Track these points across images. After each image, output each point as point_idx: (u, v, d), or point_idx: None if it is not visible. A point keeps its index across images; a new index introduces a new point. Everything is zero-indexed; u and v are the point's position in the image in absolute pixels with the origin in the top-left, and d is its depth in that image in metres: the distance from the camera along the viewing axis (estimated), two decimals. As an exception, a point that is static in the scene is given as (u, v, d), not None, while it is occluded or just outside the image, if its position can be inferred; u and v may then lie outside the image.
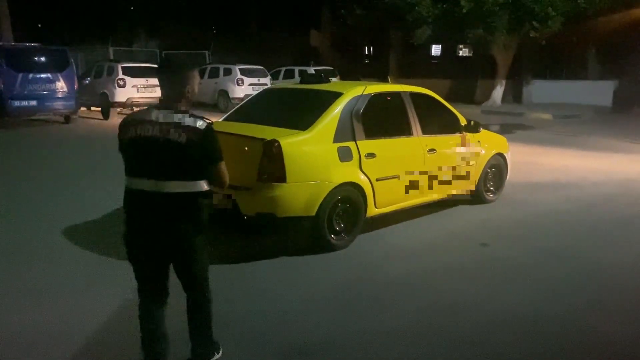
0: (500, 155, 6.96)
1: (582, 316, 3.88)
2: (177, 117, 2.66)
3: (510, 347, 3.44)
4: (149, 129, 2.66)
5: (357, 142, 5.21)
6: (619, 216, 6.46)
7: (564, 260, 5.00)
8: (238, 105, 6.46)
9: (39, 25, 32.85)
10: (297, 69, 21.65)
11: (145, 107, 2.79)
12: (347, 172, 5.10)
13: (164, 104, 2.74)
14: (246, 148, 4.92)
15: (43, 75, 14.04)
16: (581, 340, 3.55)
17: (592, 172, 8.98)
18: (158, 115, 2.68)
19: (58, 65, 14.34)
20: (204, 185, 2.74)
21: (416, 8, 19.78)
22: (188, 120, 2.65)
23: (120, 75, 15.97)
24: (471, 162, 6.47)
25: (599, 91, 20.62)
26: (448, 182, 6.17)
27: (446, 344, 3.47)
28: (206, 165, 2.70)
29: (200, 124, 2.65)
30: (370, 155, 5.26)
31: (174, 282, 2.99)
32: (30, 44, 15.25)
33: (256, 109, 6.04)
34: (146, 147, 2.67)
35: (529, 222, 6.23)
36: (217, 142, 2.71)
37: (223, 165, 2.76)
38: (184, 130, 2.62)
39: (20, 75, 13.70)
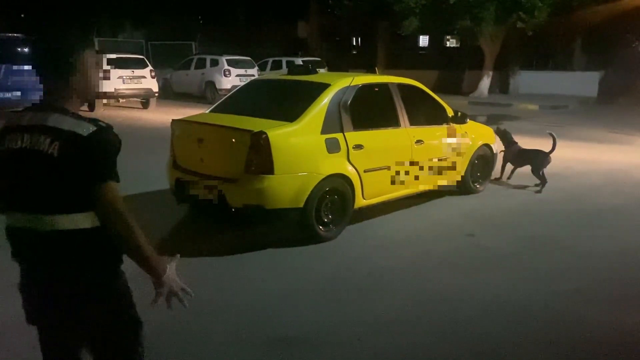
0: (487, 146, 7.00)
1: (568, 304, 3.94)
2: (52, 120, 1.81)
3: (497, 335, 3.49)
4: (17, 139, 1.84)
5: (345, 133, 5.21)
6: (603, 206, 6.54)
7: (549, 250, 5.06)
8: (225, 97, 6.42)
9: (22, 16, 32.34)
10: (284, 60, 21.52)
11: (24, 108, 1.96)
12: (335, 164, 5.10)
13: (45, 100, 1.91)
14: (233, 140, 4.91)
15: (27, 67, 13.84)
16: (567, 328, 3.60)
17: (577, 162, 9.07)
18: (32, 118, 1.86)
19: (42, 56, 14.14)
20: None
21: (404, -1, 19.77)
22: (67, 123, 1.80)
23: (106, 67, 15.78)
24: (458, 153, 6.50)
25: (584, 82, 20.78)
26: (435, 173, 6.20)
27: (434, 333, 3.50)
28: (88, 186, 1.80)
29: (84, 128, 1.79)
30: (358, 146, 5.27)
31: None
32: (13, 34, 15.01)
33: (243, 100, 6.01)
34: (14, 165, 1.86)
35: (515, 212, 6.29)
36: (108, 154, 1.83)
37: (114, 188, 1.82)
38: (58, 139, 1.78)
39: (4, 66, 13.51)
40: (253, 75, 17.78)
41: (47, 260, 1.87)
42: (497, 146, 7.31)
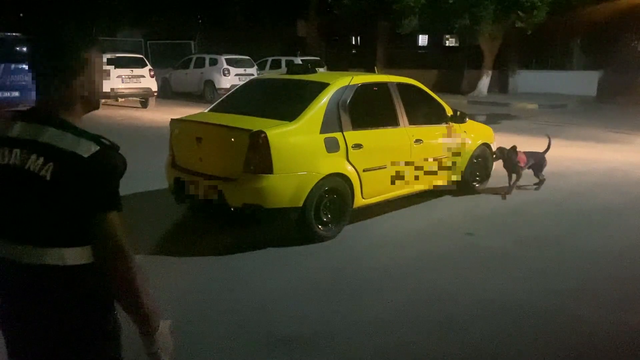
0: (487, 145, 7.00)
1: (566, 304, 3.93)
2: (48, 135, 1.54)
3: (496, 335, 3.49)
4: (5, 154, 1.57)
5: (344, 132, 5.21)
6: (602, 205, 6.54)
7: (548, 249, 5.06)
8: (224, 96, 6.42)
9: (21, 15, 32.31)
10: (284, 59, 21.53)
11: (11, 115, 1.66)
12: (334, 163, 5.10)
13: (39, 109, 1.63)
14: (233, 139, 4.90)
15: (26, 66, 13.82)
16: (566, 327, 3.60)
17: (576, 161, 9.07)
18: (23, 131, 1.58)
19: (40, 56, 14.11)
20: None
21: (403, -2, 19.76)
22: (66, 141, 1.52)
23: (105, 66, 15.76)
24: (457, 153, 6.50)
25: (583, 81, 20.78)
26: (434, 173, 6.20)
27: (432, 333, 3.50)
28: (86, 216, 1.53)
29: (85, 148, 1.52)
30: (357, 146, 5.26)
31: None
32: (12, 33, 14.99)
33: (243, 100, 6.01)
34: None
35: (514, 211, 6.29)
36: (111, 180, 1.57)
37: (116, 219, 1.56)
38: (53, 159, 1.51)
39: (2, 65, 13.49)
40: (252, 75, 17.77)
41: (31, 299, 1.59)
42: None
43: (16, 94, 13.77)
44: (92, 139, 1.55)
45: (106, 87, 15.57)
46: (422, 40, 31.56)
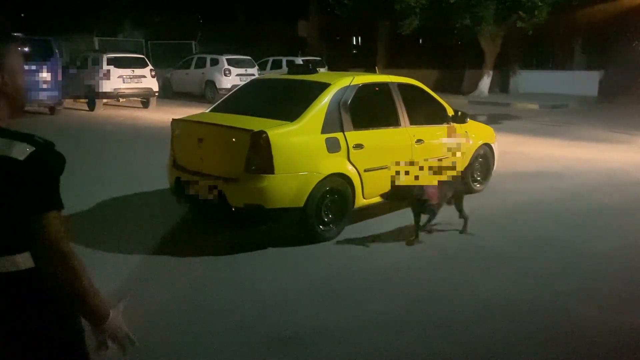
0: (487, 145, 7.00)
1: (566, 304, 3.94)
2: None
3: (495, 335, 3.49)
4: None
5: (345, 133, 5.22)
6: (602, 205, 6.54)
7: (548, 249, 5.06)
8: (225, 96, 6.43)
9: (22, 15, 32.34)
10: (284, 60, 21.58)
11: None
12: (336, 163, 5.11)
13: None
14: (234, 139, 4.92)
15: (26, 66, 13.82)
16: (566, 327, 3.60)
17: (577, 161, 9.07)
18: None
19: (42, 56, 14.09)
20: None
21: (404, -2, 19.77)
22: None
23: (106, 66, 15.79)
24: (458, 153, 6.50)
25: (584, 81, 20.80)
26: (435, 173, 6.19)
27: (433, 332, 3.51)
28: (26, 218, 1.48)
29: (19, 150, 1.46)
30: (358, 146, 5.27)
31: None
32: (13, 33, 14.99)
33: (244, 100, 6.02)
34: None
35: (514, 211, 6.29)
36: (50, 179, 1.53)
37: (56, 219, 1.51)
38: None
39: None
40: (253, 75, 17.79)
41: None
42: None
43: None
44: (25, 139, 1.49)
45: (108, 87, 15.68)
46: (423, 40, 31.52)
